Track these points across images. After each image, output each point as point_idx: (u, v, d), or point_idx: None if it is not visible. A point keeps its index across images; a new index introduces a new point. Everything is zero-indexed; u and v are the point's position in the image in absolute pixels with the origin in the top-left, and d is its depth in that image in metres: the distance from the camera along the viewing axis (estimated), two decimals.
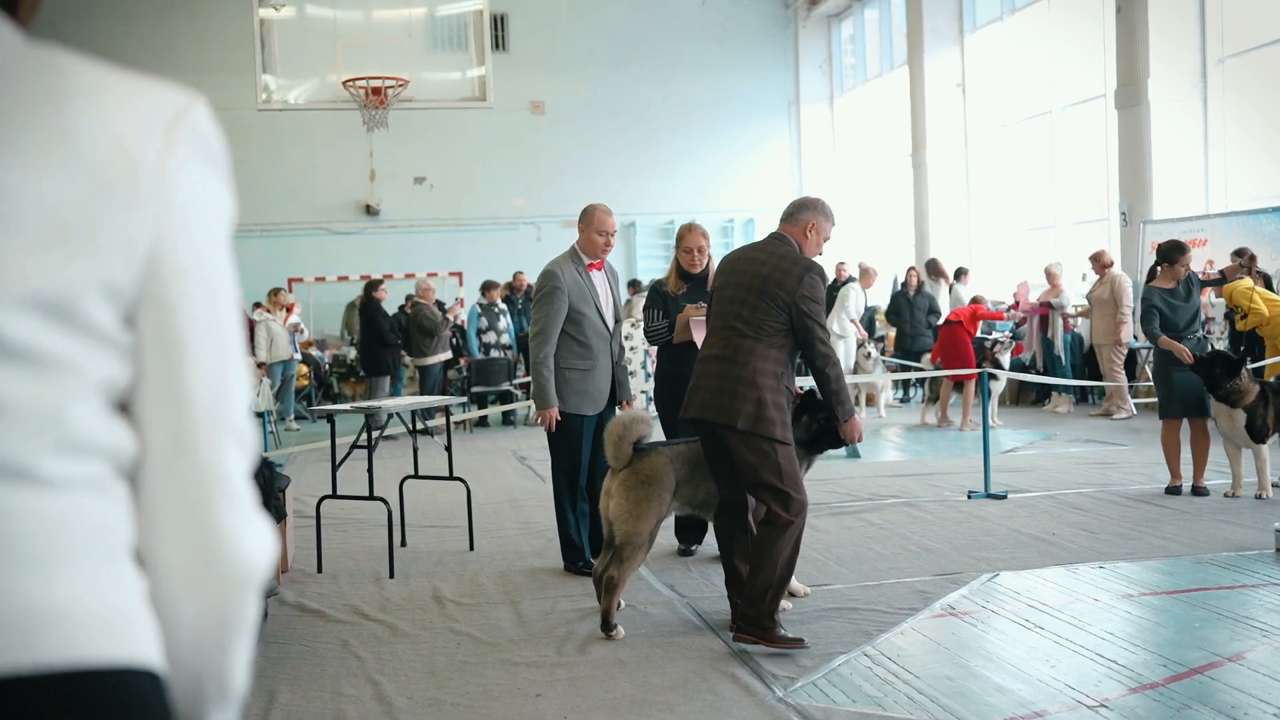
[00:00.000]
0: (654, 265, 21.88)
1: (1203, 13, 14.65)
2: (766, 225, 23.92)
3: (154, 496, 1.07)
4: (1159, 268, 8.38)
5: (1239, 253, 11.66)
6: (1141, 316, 8.44)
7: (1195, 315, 8.32)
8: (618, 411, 6.77)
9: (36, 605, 0.98)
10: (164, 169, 1.06)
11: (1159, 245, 8.60)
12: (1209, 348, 8.46)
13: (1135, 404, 13.67)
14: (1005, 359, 12.89)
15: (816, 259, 5.21)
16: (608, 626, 5.18)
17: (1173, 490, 8.28)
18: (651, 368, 12.01)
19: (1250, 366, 8.11)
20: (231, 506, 1.08)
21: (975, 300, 13.76)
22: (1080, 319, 14.51)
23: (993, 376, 11.81)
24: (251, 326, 15.82)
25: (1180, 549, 6.59)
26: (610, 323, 6.50)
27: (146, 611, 1.06)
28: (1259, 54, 13.94)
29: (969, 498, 8.34)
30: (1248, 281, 10.99)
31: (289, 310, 16.26)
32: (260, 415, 12.05)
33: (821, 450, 5.65)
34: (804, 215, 5.26)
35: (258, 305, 16.69)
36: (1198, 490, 8.19)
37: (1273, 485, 8.00)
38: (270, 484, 5.86)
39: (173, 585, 1.07)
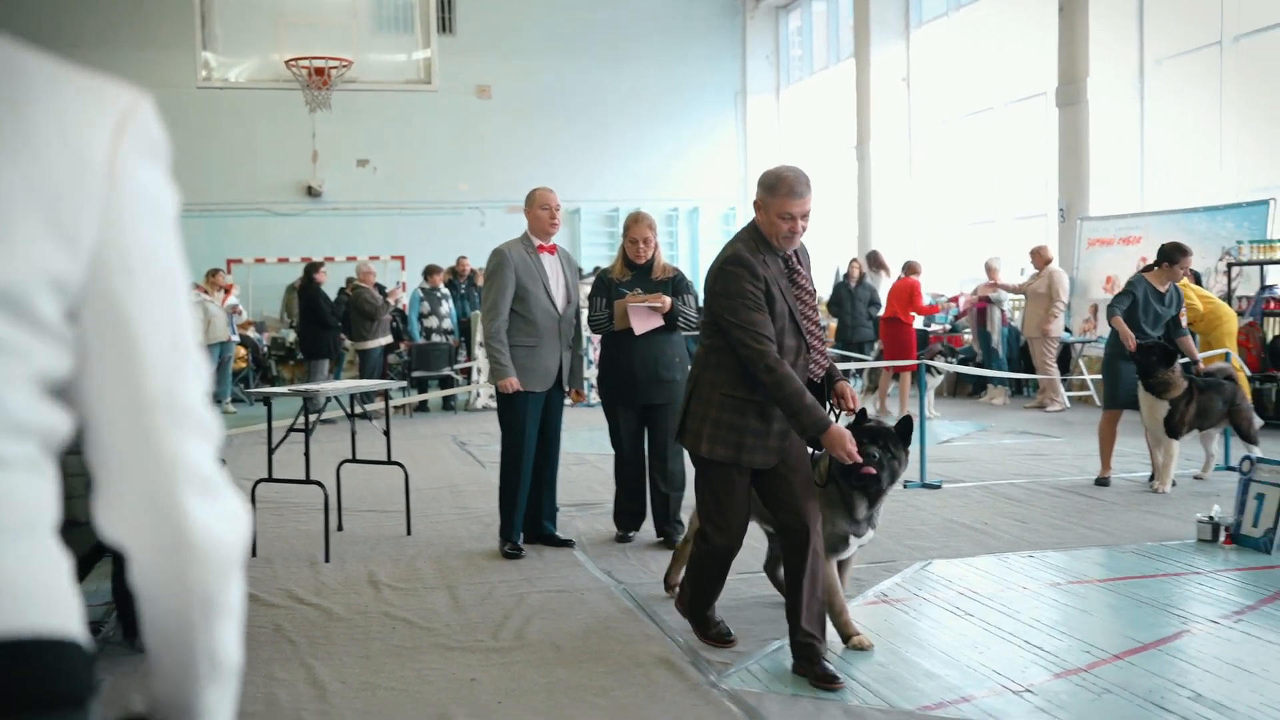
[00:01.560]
0: (599, 253, 21.88)
1: (1141, 14, 14.90)
2: (711, 215, 24.14)
3: (120, 488, 1.10)
4: (1157, 266, 8.42)
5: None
6: (1117, 295, 8.51)
7: (1162, 323, 8.39)
8: (565, 398, 6.82)
9: None
10: (112, 167, 1.09)
11: (1162, 244, 8.64)
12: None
13: (1068, 397, 13.92)
14: (946, 365, 13.04)
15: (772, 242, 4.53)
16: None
17: (1102, 481, 8.45)
18: (595, 355, 12.03)
19: (1182, 361, 8.27)
20: (197, 492, 1.10)
21: (907, 269, 13.76)
22: (1015, 313, 14.73)
23: (930, 369, 11.97)
24: None
25: (1106, 539, 6.73)
26: (560, 305, 6.55)
27: (71, 584, 1.09)
28: (1195, 56, 14.21)
29: (904, 487, 8.44)
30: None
31: (227, 291, 16.07)
32: None
33: (862, 486, 4.60)
34: (756, 193, 4.60)
35: (194, 286, 16.45)
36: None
37: (1173, 484, 8.17)
38: None
39: (151, 571, 1.10)
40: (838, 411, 4.62)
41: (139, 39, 20.52)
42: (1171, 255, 8.32)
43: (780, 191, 4.41)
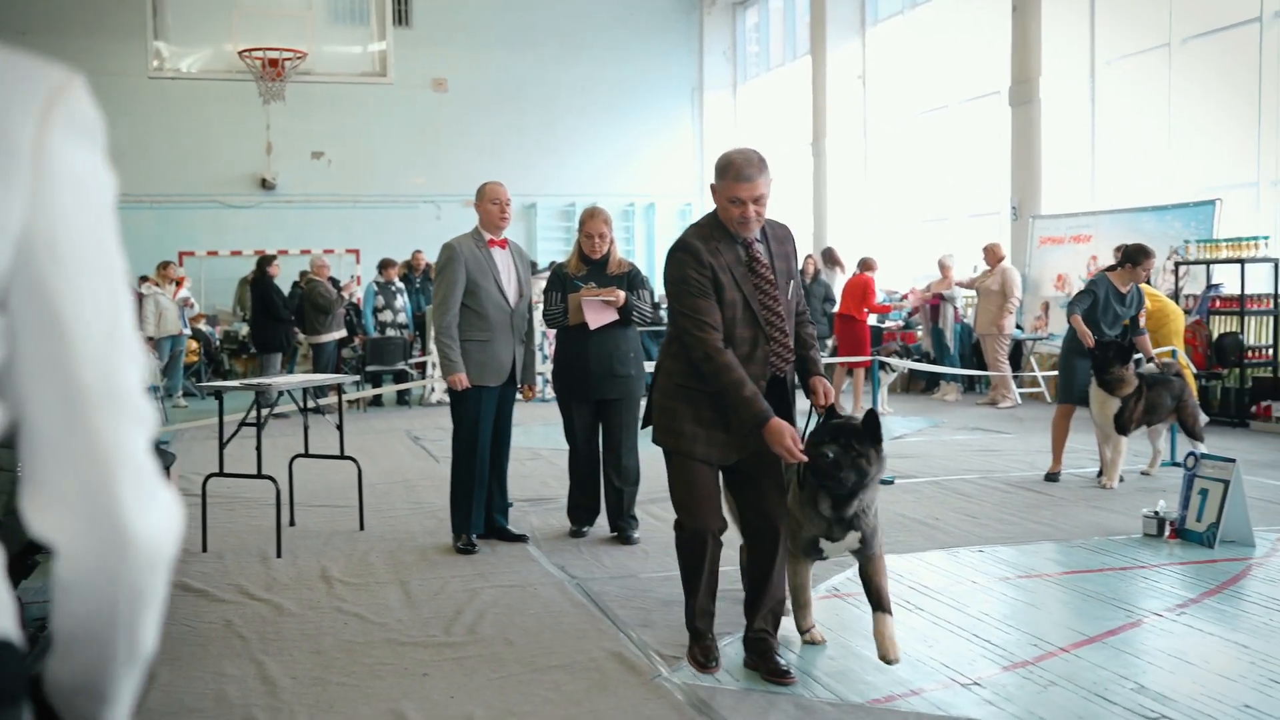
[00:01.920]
0: (555, 247, 21.84)
1: (1093, 16, 15.08)
2: (668, 210, 24.17)
3: (52, 480, 1.06)
4: (1120, 266, 8.50)
5: (1121, 249, 12.03)
6: (1078, 294, 8.60)
7: (1120, 323, 8.49)
8: (518, 394, 6.80)
9: None
10: (40, 149, 1.05)
11: (1127, 245, 8.74)
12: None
13: (1020, 393, 14.08)
14: (900, 361, 13.16)
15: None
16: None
17: (1052, 477, 8.55)
18: (550, 350, 12.01)
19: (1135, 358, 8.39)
20: (133, 485, 1.07)
21: (863, 266, 13.84)
22: (969, 310, 14.88)
23: (884, 366, 12.07)
24: (139, 300, 15.44)
25: (1055, 533, 6.82)
26: (511, 298, 6.53)
27: (4, 584, 1.06)
28: (1145, 57, 14.40)
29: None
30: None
31: (179, 284, 15.89)
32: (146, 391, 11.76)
33: (824, 484, 4.25)
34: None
35: (145, 279, 16.26)
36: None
37: (1120, 480, 8.29)
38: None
39: (82, 565, 1.06)
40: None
41: (89, 27, 20.23)
42: (1135, 257, 8.41)
43: (728, 175, 4.21)
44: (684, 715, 4.01)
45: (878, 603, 4.33)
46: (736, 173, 4.19)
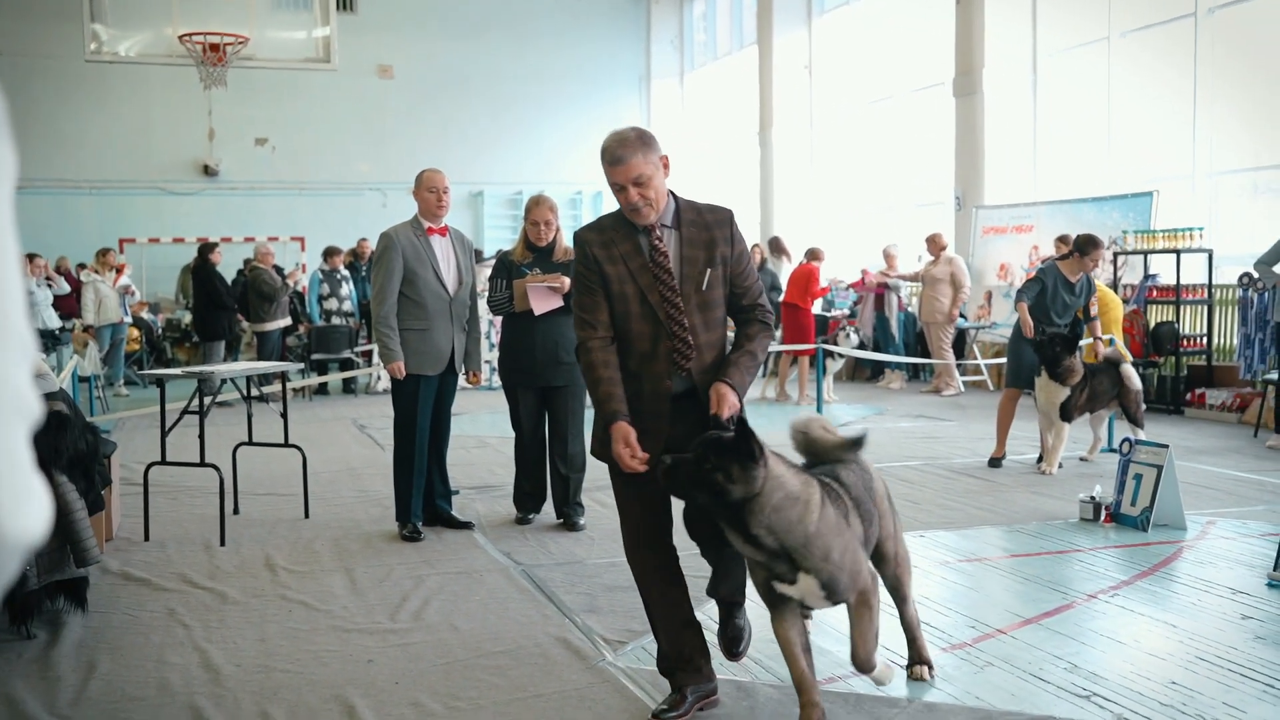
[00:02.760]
0: (502, 235, 21.78)
1: (1035, 8, 15.28)
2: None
3: None
4: (1070, 256, 8.63)
5: (1062, 239, 12.22)
6: (1026, 282, 8.72)
7: (1071, 311, 8.63)
8: (460, 379, 6.80)
9: None
10: None
11: (1076, 236, 8.87)
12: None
13: (963, 381, 14.26)
14: (848, 344, 13.27)
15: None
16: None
17: (995, 462, 8.68)
18: (496, 338, 12.00)
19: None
20: (8, 483, 1.04)
21: (810, 255, 13.95)
22: (914, 299, 15.05)
23: (830, 354, 12.18)
24: (78, 288, 15.21)
25: (995, 518, 6.94)
26: (450, 287, 6.53)
27: None
28: (1085, 50, 14.61)
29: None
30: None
31: (119, 271, 15.67)
32: (86, 380, 11.61)
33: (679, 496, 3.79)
34: None
35: (82, 266, 16.02)
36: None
37: (1059, 465, 8.45)
38: (95, 450, 5.67)
39: None
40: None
41: (22, 7, 19.83)
42: (1084, 247, 8.56)
43: (604, 161, 3.86)
44: (628, 699, 4.05)
45: (859, 667, 3.84)
46: (610, 156, 3.83)
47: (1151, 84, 13.81)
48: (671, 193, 3.93)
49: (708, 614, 4.59)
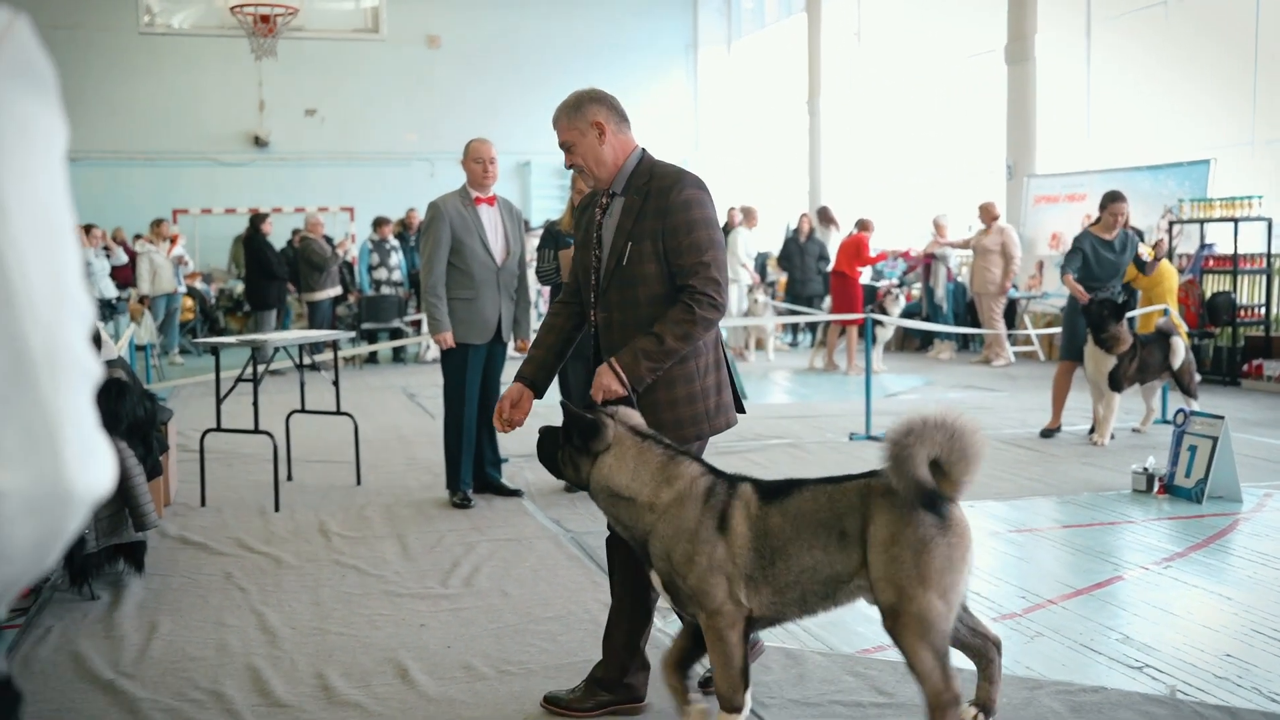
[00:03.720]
0: (550, 205, 21.79)
1: None
2: None
3: None
4: (1100, 219, 8.61)
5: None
6: (1067, 255, 8.66)
7: (1120, 270, 8.55)
8: (510, 347, 6.84)
9: None
10: None
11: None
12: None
13: (1013, 352, 14.14)
14: (896, 309, 13.18)
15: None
16: None
17: (1049, 433, 8.61)
18: (545, 307, 12.04)
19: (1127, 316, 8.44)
20: (74, 441, 1.06)
21: (860, 225, 13.86)
22: (964, 269, 14.91)
23: (878, 323, 12.11)
24: (133, 258, 15.43)
25: (1045, 489, 6.89)
26: (498, 256, 6.56)
27: None
28: (1140, 15, 14.34)
29: (850, 439, 8.58)
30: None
31: (173, 242, 15.87)
32: (143, 348, 11.80)
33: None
34: None
35: (138, 237, 16.24)
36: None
37: (1111, 437, 8.37)
38: (152, 416, 5.77)
39: (18, 509, 1.06)
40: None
41: None
42: (1103, 201, 8.56)
43: None
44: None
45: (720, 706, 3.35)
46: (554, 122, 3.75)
47: (1209, 49, 13.54)
48: (643, 156, 3.75)
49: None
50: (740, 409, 3.84)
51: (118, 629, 4.53)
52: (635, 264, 3.61)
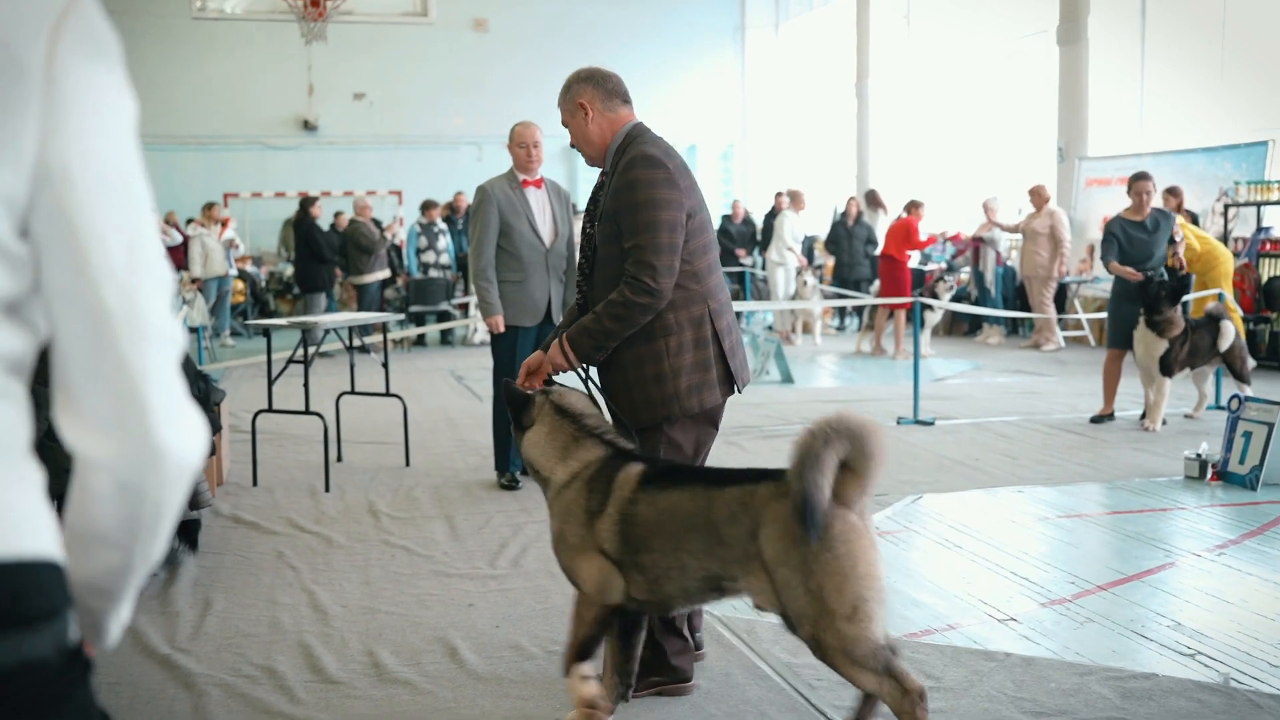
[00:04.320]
0: None
1: None
2: (710, 151, 24.01)
3: (84, 399, 1.08)
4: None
5: (1171, 191, 11.88)
6: (1101, 243, 8.59)
7: (1157, 251, 8.45)
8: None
9: None
10: (51, 70, 1.03)
11: None
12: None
13: (1063, 337, 13.99)
14: (947, 296, 13.07)
15: None
16: None
17: (1101, 419, 8.52)
18: None
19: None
20: (161, 404, 1.09)
21: (909, 208, 13.74)
22: (1013, 253, 14.75)
23: (927, 307, 12.02)
24: (186, 241, 15.62)
25: (1095, 475, 6.83)
26: (546, 238, 6.58)
27: (45, 506, 1.09)
28: None
29: (898, 423, 8.53)
30: (1179, 219, 11.23)
31: (224, 225, 16.04)
32: (195, 330, 11.96)
33: None
34: None
35: (190, 220, 16.43)
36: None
37: (1163, 422, 8.26)
38: (206, 397, 5.86)
39: (112, 479, 1.09)
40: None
41: None
42: (1128, 183, 8.57)
43: None
44: (725, 646, 4.09)
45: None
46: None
47: (1266, 27, 13.28)
48: (628, 133, 3.75)
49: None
50: (733, 390, 3.75)
51: (173, 605, 4.61)
52: (603, 244, 3.68)
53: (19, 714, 1.01)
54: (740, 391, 3.83)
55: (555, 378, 3.76)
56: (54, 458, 2.33)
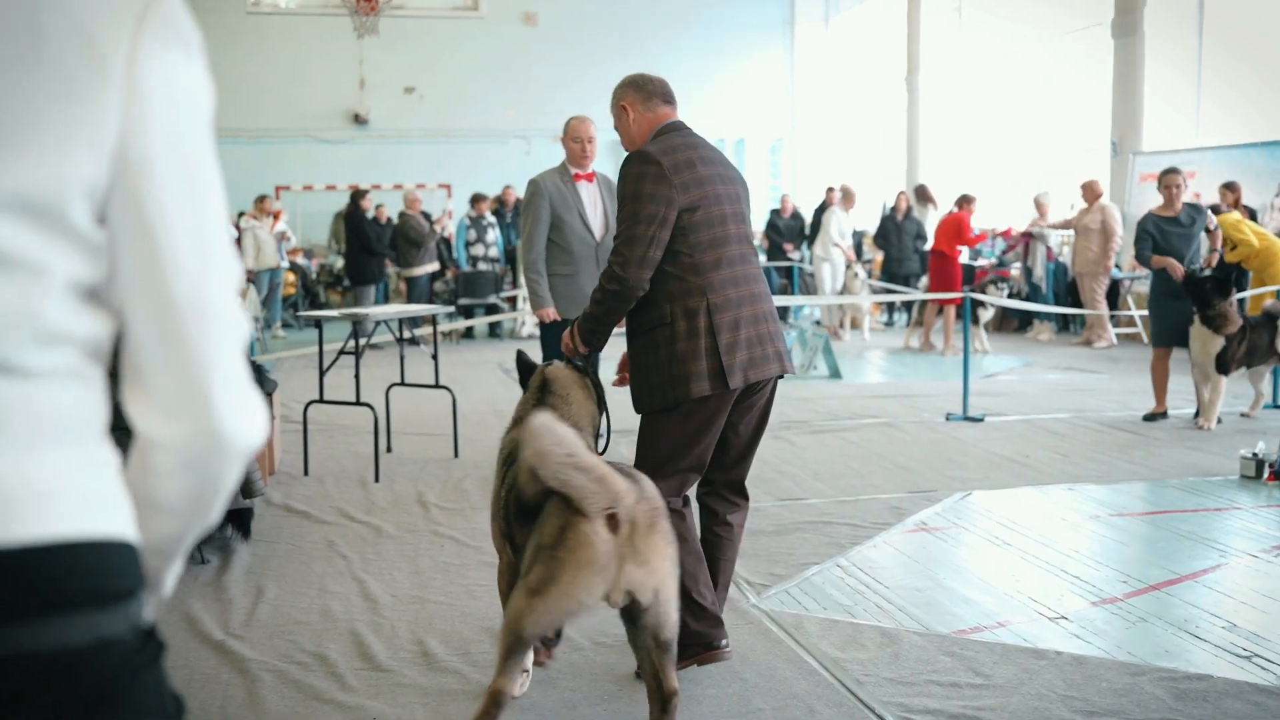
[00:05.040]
0: None
1: None
2: (759, 146, 23.94)
3: (151, 383, 1.11)
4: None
5: (1229, 186, 11.70)
6: (1135, 242, 8.51)
7: (1192, 245, 8.37)
8: None
9: (20, 485, 1.03)
10: (133, 61, 1.06)
11: None
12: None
13: (1116, 333, 13.81)
14: (999, 295, 12.93)
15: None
16: None
17: (1154, 417, 8.42)
18: None
19: (1236, 297, 8.22)
20: (224, 390, 1.12)
21: (960, 203, 13.60)
22: (1064, 248, 14.58)
23: (979, 304, 11.92)
24: (239, 234, 15.80)
25: (1148, 473, 6.74)
26: (597, 232, 6.59)
27: (119, 486, 1.12)
28: None
29: (947, 419, 8.48)
30: (1236, 214, 11.06)
31: (275, 218, 16.21)
32: None
33: None
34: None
35: (242, 213, 16.61)
36: None
37: (1218, 421, 8.14)
38: (259, 387, 5.93)
39: (176, 459, 1.13)
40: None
41: None
42: (1159, 179, 8.56)
43: None
44: (772, 640, 4.09)
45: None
46: None
47: None
48: (663, 131, 3.92)
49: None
50: (724, 385, 3.67)
51: (226, 592, 4.68)
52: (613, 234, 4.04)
53: (94, 693, 1.04)
54: (727, 389, 3.70)
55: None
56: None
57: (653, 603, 3.09)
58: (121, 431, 1.15)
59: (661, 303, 3.73)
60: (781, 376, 3.92)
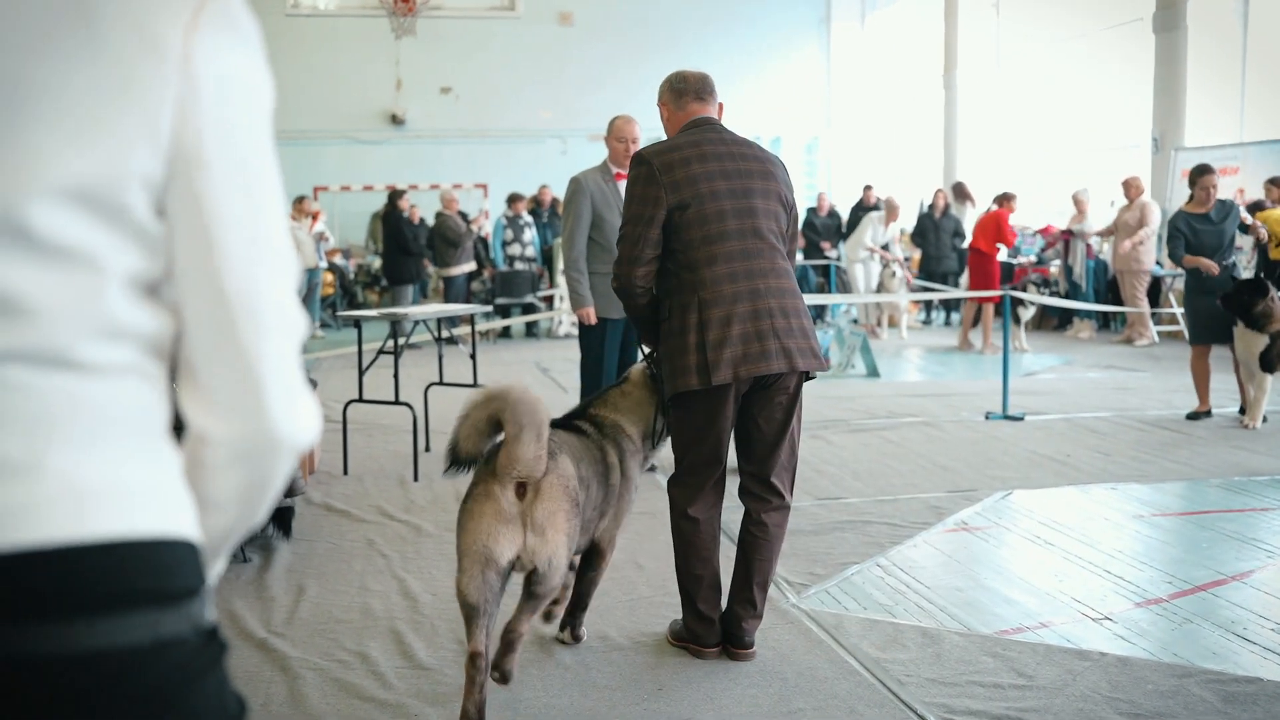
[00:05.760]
0: None
1: None
2: (795, 144, 23.85)
3: (205, 380, 1.11)
4: (1192, 191, 8.50)
5: (1274, 181, 11.55)
6: (1168, 240, 8.46)
7: (1225, 242, 8.30)
8: None
9: (81, 482, 1.03)
10: (189, 54, 1.05)
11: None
12: (1234, 276, 8.43)
13: (1157, 331, 13.66)
14: (1037, 296, 12.81)
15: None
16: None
17: (1197, 415, 8.32)
18: None
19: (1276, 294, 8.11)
20: (277, 389, 1.11)
21: (1000, 201, 13.46)
22: (1104, 245, 14.42)
23: (1018, 301, 11.82)
24: None
25: (1192, 472, 6.66)
26: None
27: (182, 485, 1.12)
28: None
29: (986, 418, 8.41)
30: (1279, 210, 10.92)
31: (314, 218, 16.33)
32: None
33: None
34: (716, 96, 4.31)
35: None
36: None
37: (1264, 419, 8.04)
38: None
39: (229, 456, 1.13)
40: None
41: None
42: (1191, 178, 8.57)
43: None
44: (812, 640, 4.07)
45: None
46: None
47: None
48: (685, 130, 4.11)
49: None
50: (709, 379, 3.67)
51: (268, 590, 4.71)
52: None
53: (154, 693, 1.03)
54: (711, 384, 3.68)
55: None
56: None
57: (547, 571, 3.41)
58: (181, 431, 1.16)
59: (663, 299, 3.91)
60: (808, 375, 3.88)
